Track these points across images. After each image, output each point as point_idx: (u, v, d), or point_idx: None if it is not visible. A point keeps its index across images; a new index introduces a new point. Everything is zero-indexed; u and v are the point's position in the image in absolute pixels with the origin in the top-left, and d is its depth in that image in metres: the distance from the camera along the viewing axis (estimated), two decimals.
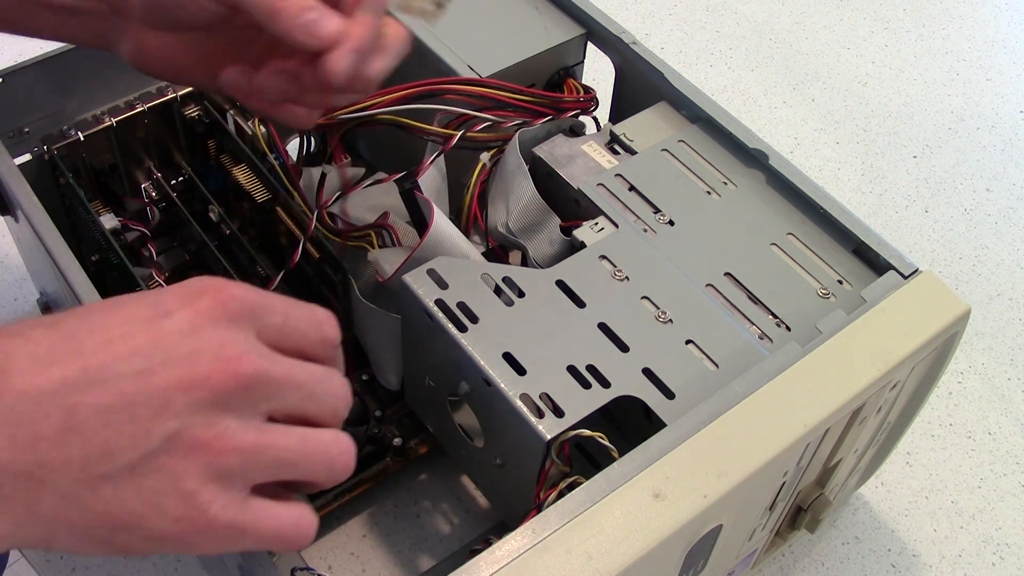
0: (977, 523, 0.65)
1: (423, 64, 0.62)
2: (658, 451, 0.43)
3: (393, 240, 0.54)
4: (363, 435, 0.57)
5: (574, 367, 0.47)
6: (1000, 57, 0.98)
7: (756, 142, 0.56)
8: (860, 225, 0.53)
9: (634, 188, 0.55)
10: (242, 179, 0.62)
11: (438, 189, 0.58)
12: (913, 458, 0.68)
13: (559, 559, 0.40)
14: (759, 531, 0.53)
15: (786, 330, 0.50)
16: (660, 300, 0.50)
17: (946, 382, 0.72)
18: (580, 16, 0.63)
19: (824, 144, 0.89)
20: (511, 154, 0.56)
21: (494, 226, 0.56)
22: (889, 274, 0.51)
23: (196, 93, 0.65)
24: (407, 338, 0.53)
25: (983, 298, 0.78)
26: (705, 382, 0.47)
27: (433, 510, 0.62)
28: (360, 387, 0.63)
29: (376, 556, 0.60)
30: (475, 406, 0.49)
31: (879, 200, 0.84)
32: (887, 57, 0.97)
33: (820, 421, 0.45)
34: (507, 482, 0.50)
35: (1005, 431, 0.70)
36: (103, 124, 0.62)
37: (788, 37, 0.99)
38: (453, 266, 0.50)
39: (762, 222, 0.54)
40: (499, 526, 0.61)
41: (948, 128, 0.91)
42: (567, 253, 0.53)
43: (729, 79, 0.94)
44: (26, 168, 0.60)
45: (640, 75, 0.61)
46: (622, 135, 0.58)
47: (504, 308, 0.49)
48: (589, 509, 0.42)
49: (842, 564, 0.63)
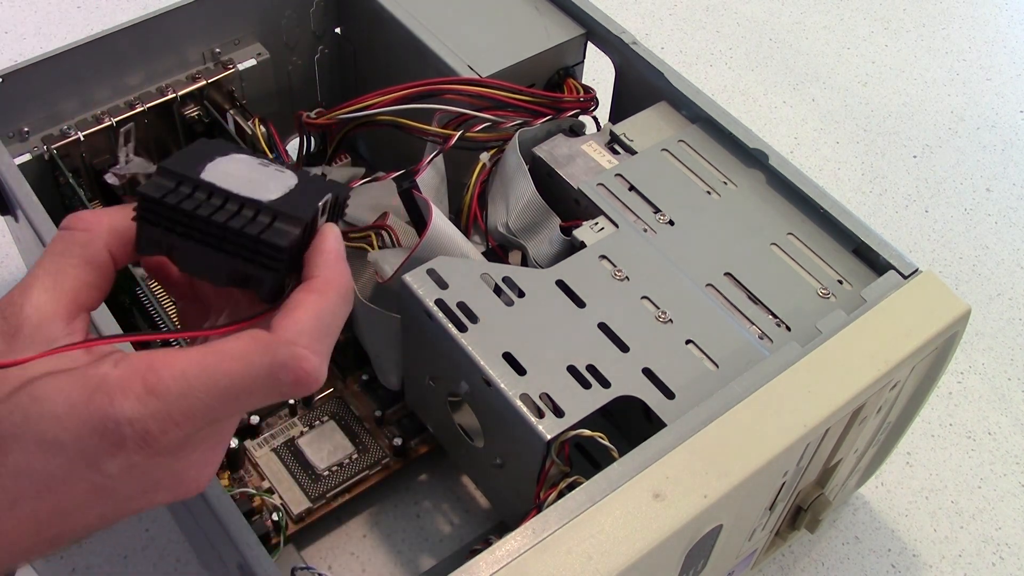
0: (977, 523, 0.65)
1: (423, 64, 0.62)
2: (658, 451, 0.43)
3: (393, 241, 0.54)
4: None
5: (574, 367, 0.47)
6: (1000, 57, 0.98)
7: (756, 142, 0.56)
8: (860, 225, 0.53)
9: (634, 188, 0.55)
10: None
11: (437, 189, 0.58)
12: (913, 458, 0.68)
13: (559, 559, 0.40)
14: (759, 531, 0.53)
15: (786, 330, 0.50)
16: (660, 300, 0.50)
17: (946, 382, 0.72)
18: (580, 16, 0.63)
19: (824, 144, 0.89)
20: (511, 154, 0.56)
21: (494, 226, 0.56)
22: (889, 274, 0.51)
23: (196, 93, 0.65)
24: (407, 338, 0.53)
25: (983, 298, 0.78)
26: (705, 382, 0.47)
27: (433, 510, 0.62)
28: (360, 387, 0.63)
29: (376, 556, 0.60)
30: (475, 406, 0.49)
31: (879, 200, 0.84)
32: (887, 57, 0.97)
33: (820, 421, 0.45)
34: (507, 482, 0.50)
35: (1005, 431, 0.70)
36: (103, 124, 0.62)
37: (788, 37, 0.99)
38: (453, 266, 0.50)
39: (762, 222, 0.54)
40: (499, 526, 0.61)
41: (948, 128, 0.91)
42: (567, 253, 0.53)
43: (729, 79, 0.94)
44: (26, 168, 0.60)
45: (640, 75, 0.61)
46: (622, 135, 0.58)
47: (504, 308, 0.49)
48: (589, 509, 0.42)
49: (842, 564, 0.63)
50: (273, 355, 0.31)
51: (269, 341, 0.31)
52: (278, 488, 0.58)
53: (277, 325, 0.32)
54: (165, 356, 0.31)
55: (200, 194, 0.32)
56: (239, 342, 0.31)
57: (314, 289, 0.33)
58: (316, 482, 0.58)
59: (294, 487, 0.58)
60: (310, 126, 0.61)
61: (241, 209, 0.32)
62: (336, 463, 0.59)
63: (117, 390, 0.30)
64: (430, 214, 0.51)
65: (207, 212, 0.32)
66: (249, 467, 0.59)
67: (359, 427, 0.61)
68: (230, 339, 0.32)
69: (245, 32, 0.67)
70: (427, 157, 0.56)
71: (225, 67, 0.66)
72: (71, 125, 0.62)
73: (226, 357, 0.31)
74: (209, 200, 0.32)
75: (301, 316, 0.32)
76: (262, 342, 0.31)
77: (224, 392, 0.31)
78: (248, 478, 0.58)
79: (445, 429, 0.54)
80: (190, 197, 0.32)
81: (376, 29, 0.66)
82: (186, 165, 0.33)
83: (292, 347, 0.31)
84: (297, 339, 0.31)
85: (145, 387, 0.30)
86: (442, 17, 0.63)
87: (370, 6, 0.65)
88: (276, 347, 0.31)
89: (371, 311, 0.55)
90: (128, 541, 0.61)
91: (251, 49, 0.68)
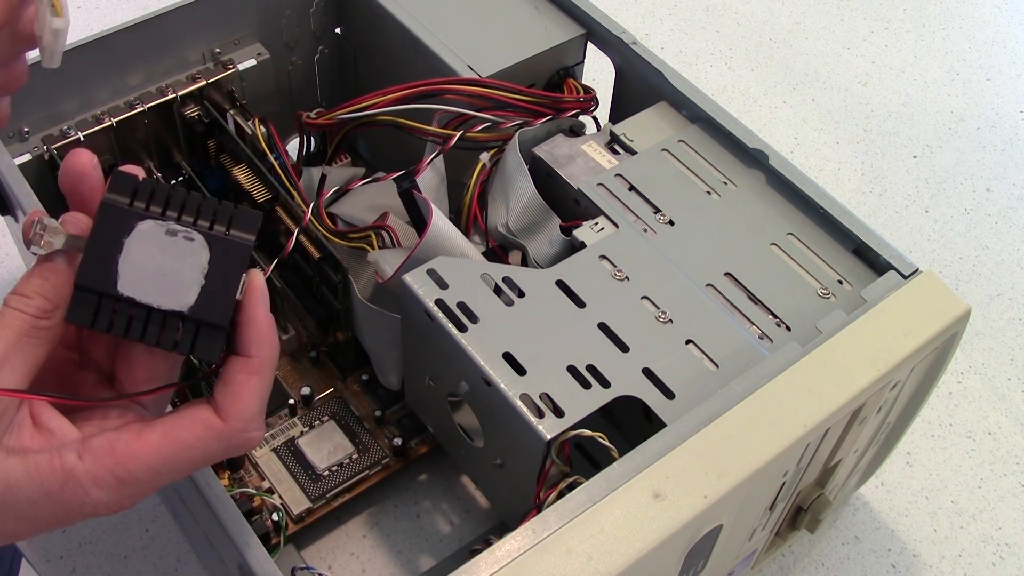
0: (977, 523, 0.65)
1: (423, 64, 0.62)
2: (658, 451, 0.43)
3: (393, 241, 0.54)
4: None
5: (574, 367, 0.47)
6: (1000, 57, 0.98)
7: (756, 142, 0.56)
8: (860, 225, 0.53)
9: (634, 188, 0.55)
10: (242, 179, 0.62)
11: (437, 189, 0.58)
12: (913, 458, 0.68)
13: (559, 559, 0.40)
14: (759, 531, 0.53)
15: (786, 330, 0.50)
16: (660, 300, 0.50)
17: (946, 382, 0.72)
18: (580, 16, 0.63)
19: (824, 144, 0.89)
20: (511, 154, 0.56)
21: (494, 226, 0.56)
22: (889, 274, 0.51)
23: (196, 93, 0.65)
24: (407, 338, 0.53)
25: (983, 298, 0.78)
26: (705, 382, 0.47)
27: (433, 510, 0.62)
28: (360, 387, 0.63)
29: (376, 556, 0.60)
30: (475, 406, 0.49)
31: (879, 200, 0.84)
32: (887, 57, 0.97)
33: (820, 421, 0.45)
34: (507, 482, 0.50)
35: (1005, 431, 0.70)
36: (103, 124, 0.62)
37: (788, 37, 0.99)
38: (453, 266, 0.50)
39: (762, 222, 0.54)
40: (499, 526, 0.61)
41: (948, 128, 0.91)
42: (567, 253, 0.53)
43: (729, 79, 0.94)
44: (26, 168, 0.60)
45: (640, 75, 0.61)
46: (622, 135, 0.58)
47: (504, 308, 0.49)
48: (589, 509, 0.42)
49: (842, 564, 0.63)
50: (228, 441, 0.36)
51: (223, 431, 0.35)
52: (278, 488, 0.58)
53: (227, 411, 0.35)
54: (128, 447, 0.34)
55: (123, 312, 0.34)
56: (195, 432, 0.35)
57: (255, 371, 0.36)
58: (316, 482, 0.58)
59: (294, 487, 0.58)
60: (310, 126, 0.61)
61: (165, 323, 0.35)
62: (336, 463, 0.59)
63: (89, 483, 0.34)
64: (430, 214, 0.51)
65: (137, 335, 0.35)
66: (249, 467, 0.59)
67: (359, 427, 0.61)
68: (184, 427, 0.35)
69: (245, 32, 0.67)
70: (427, 157, 0.56)
71: (225, 67, 0.66)
72: (71, 125, 0.62)
73: (186, 447, 0.35)
74: (134, 317, 0.35)
75: (248, 404, 0.36)
76: (216, 432, 0.35)
77: (185, 471, 0.36)
78: (248, 478, 0.58)
79: (445, 429, 0.54)
80: (116, 317, 0.34)
81: (376, 29, 0.66)
82: (101, 271, 0.34)
83: (244, 433, 0.36)
84: (247, 426, 0.36)
85: (115, 479, 0.34)
86: (442, 17, 0.63)
87: (370, 6, 0.65)
88: (231, 436, 0.36)
89: (371, 311, 0.55)
90: (128, 541, 0.61)
91: (251, 49, 0.68)
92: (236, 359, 0.36)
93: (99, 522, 0.61)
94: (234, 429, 0.35)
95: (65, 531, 0.61)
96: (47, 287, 0.34)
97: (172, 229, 0.35)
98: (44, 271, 0.34)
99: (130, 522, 0.61)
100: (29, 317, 0.34)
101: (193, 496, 0.47)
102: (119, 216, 0.35)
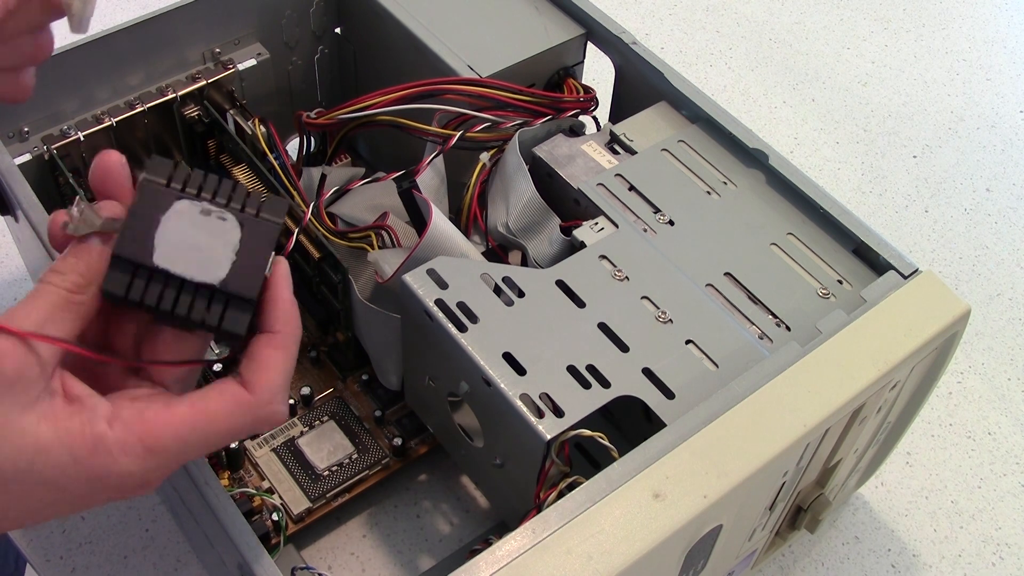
0: (977, 523, 0.65)
1: (423, 64, 0.62)
2: (658, 451, 0.43)
3: (393, 241, 0.54)
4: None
5: (574, 367, 0.47)
6: (1000, 57, 0.98)
7: (756, 142, 0.56)
8: (860, 225, 0.53)
9: (634, 188, 0.55)
10: (242, 179, 0.62)
11: (437, 189, 0.58)
12: (913, 458, 0.68)
13: (559, 559, 0.40)
14: (759, 531, 0.53)
15: (786, 330, 0.50)
16: (660, 300, 0.50)
17: (946, 382, 0.72)
18: (580, 16, 0.63)
19: (824, 144, 0.89)
20: (511, 154, 0.56)
21: (494, 226, 0.56)
22: (889, 274, 0.51)
23: (196, 93, 0.65)
24: (407, 338, 0.53)
25: (983, 298, 0.78)
26: (705, 382, 0.47)
27: (433, 510, 0.62)
28: (360, 387, 0.63)
29: (376, 556, 0.60)
30: (475, 406, 0.49)
31: (879, 200, 0.84)
32: (887, 57, 0.97)
33: (820, 421, 0.45)
34: (507, 482, 0.50)
35: (1005, 431, 0.70)
36: (103, 124, 0.62)
37: (788, 37, 0.99)
38: (453, 266, 0.50)
39: (762, 222, 0.54)
40: (499, 526, 0.61)
41: (948, 128, 0.91)
42: (567, 253, 0.53)
43: (729, 79, 0.94)
44: (26, 168, 0.60)
45: (640, 75, 0.61)
46: (622, 135, 0.58)
47: (504, 308, 0.49)
48: (589, 509, 0.42)
49: (842, 564, 0.63)
50: (255, 414, 0.36)
51: (251, 403, 0.36)
52: (278, 488, 0.58)
53: (254, 384, 0.36)
54: (157, 416, 0.35)
55: (156, 284, 0.36)
56: (223, 403, 0.36)
57: (280, 346, 0.37)
58: (316, 482, 0.58)
59: (294, 487, 0.58)
60: (310, 126, 0.61)
61: (196, 296, 0.36)
62: (336, 463, 0.59)
63: (118, 451, 0.34)
64: (430, 214, 0.51)
65: (168, 306, 0.36)
66: (249, 467, 0.59)
67: (359, 427, 0.61)
68: (212, 398, 0.36)
69: (245, 32, 0.67)
70: (427, 157, 0.56)
71: (225, 67, 0.66)
72: (71, 125, 0.62)
73: (215, 419, 0.36)
74: (167, 289, 0.36)
75: (274, 377, 0.37)
76: (244, 404, 0.36)
77: (212, 445, 0.36)
78: (248, 478, 0.58)
79: (445, 429, 0.54)
80: (148, 288, 0.36)
81: (376, 29, 0.66)
82: (137, 243, 0.36)
83: (270, 406, 0.36)
84: (273, 398, 0.37)
85: (145, 448, 0.34)
86: (442, 17, 0.63)
87: (370, 6, 0.65)
88: (257, 408, 0.36)
89: (371, 311, 0.55)
90: (128, 541, 0.61)
91: (251, 49, 0.68)
92: (261, 336, 0.37)
93: (99, 522, 0.61)
94: (261, 401, 0.36)
95: (65, 531, 0.61)
96: (81, 265, 0.35)
97: (206, 209, 0.36)
98: (79, 251, 0.36)
99: (130, 522, 0.61)
100: (64, 291, 0.35)
101: (193, 496, 0.47)
102: (157, 195, 0.36)
